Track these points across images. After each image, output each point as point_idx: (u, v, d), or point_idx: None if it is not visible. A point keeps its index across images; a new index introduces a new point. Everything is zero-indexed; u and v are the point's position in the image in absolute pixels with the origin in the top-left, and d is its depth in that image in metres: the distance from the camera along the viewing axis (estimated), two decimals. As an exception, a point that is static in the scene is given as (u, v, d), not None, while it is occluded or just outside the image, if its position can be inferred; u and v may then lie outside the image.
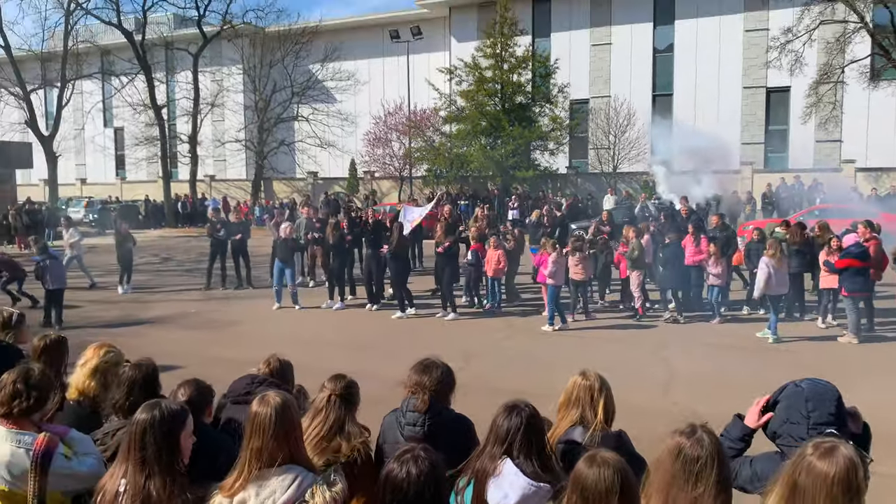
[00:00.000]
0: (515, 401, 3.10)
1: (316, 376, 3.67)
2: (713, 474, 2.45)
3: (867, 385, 8.40)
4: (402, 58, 37.82)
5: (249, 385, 3.95)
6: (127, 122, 46.92)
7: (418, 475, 2.59)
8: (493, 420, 3.07)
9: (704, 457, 2.45)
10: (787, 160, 34.35)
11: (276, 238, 15.22)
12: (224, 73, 45.23)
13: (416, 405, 3.43)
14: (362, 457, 3.29)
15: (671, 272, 13.11)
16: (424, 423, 3.39)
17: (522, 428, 2.98)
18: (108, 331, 12.15)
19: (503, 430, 2.99)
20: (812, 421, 2.74)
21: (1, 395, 3.20)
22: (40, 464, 3.04)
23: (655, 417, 6.23)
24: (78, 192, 47.52)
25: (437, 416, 3.44)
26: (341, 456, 3.20)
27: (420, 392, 3.45)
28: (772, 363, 9.99)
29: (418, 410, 3.42)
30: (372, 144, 39.99)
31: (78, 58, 40.82)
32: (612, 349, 11.17)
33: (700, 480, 2.43)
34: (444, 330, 12.79)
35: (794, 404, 2.81)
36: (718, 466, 2.47)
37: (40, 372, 3.35)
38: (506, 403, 3.09)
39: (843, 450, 2.17)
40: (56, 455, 3.10)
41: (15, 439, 3.13)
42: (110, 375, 3.80)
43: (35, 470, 3.04)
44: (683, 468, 2.46)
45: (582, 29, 37.83)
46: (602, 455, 2.42)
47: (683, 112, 35.70)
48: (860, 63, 28.35)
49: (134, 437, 2.75)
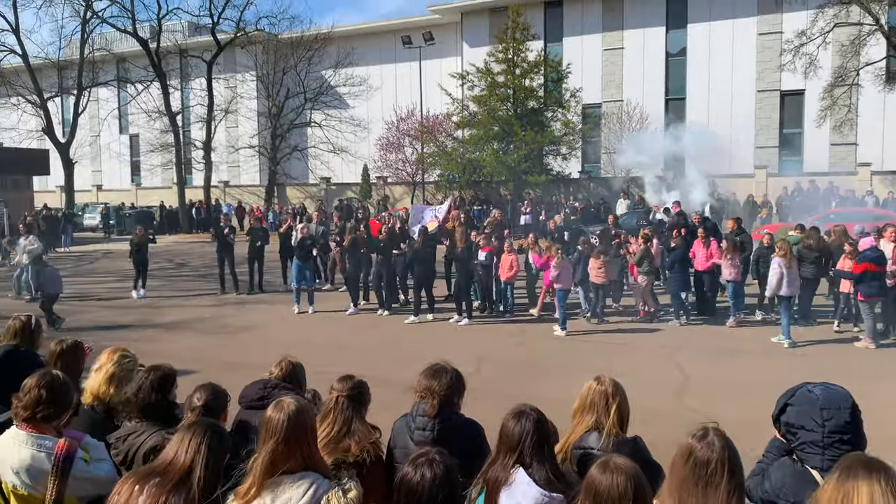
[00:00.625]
0: (521, 405, 3.10)
1: (327, 381, 3.67)
2: (724, 479, 2.43)
3: (882, 390, 8.32)
4: (414, 63, 37.93)
5: (262, 390, 3.96)
6: (142, 128, 47.33)
7: (433, 479, 2.59)
8: (501, 426, 3.06)
9: (714, 460, 2.44)
10: (802, 164, 34.11)
11: (296, 239, 15.57)
12: (238, 80, 45.55)
13: (425, 410, 3.43)
14: (372, 457, 3.29)
15: (676, 276, 13.12)
16: (434, 428, 3.39)
17: (532, 433, 2.97)
18: (122, 335, 12.24)
19: (514, 437, 2.97)
20: (827, 430, 2.69)
21: (25, 401, 3.25)
22: (61, 468, 3.08)
23: (671, 422, 6.19)
24: (94, 198, 47.96)
25: (447, 420, 3.43)
26: (350, 456, 3.20)
27: (430, 397, 3.44)
28: (787, 367, 9.88)
29: (427, 415, 3.42)
30: (384, 150, 40.08)
31: (94, 65, 41.32)
32: (625, 354, 11.11)
33: (710, 485, 2.41)
34: (456, 334, 12.78)
35: (809, 411, 2.76)
36: (730, 471, 2.44)
37: (63, 379, 3.41)
38: (513, 409, 3.09)
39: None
40: (76, 459, 3.13)
41: (36, 443, 3.18)
42: (126, 381, 3.83)
43: (55, 473, 3.07)
44: (693, 471, 2.45)
45: (594, 33, 37.77)
46: (615, 461, 2.41)
47: (697, 116, 35.52)
48: (875, 66, 28.09)
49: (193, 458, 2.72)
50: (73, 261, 26.20)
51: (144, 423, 3.40)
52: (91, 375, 3.97)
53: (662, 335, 12.37)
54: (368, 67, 43.59)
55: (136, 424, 3.43)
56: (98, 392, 3.86)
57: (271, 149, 42.52)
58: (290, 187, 44.33)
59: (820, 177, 30.06)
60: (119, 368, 3.92)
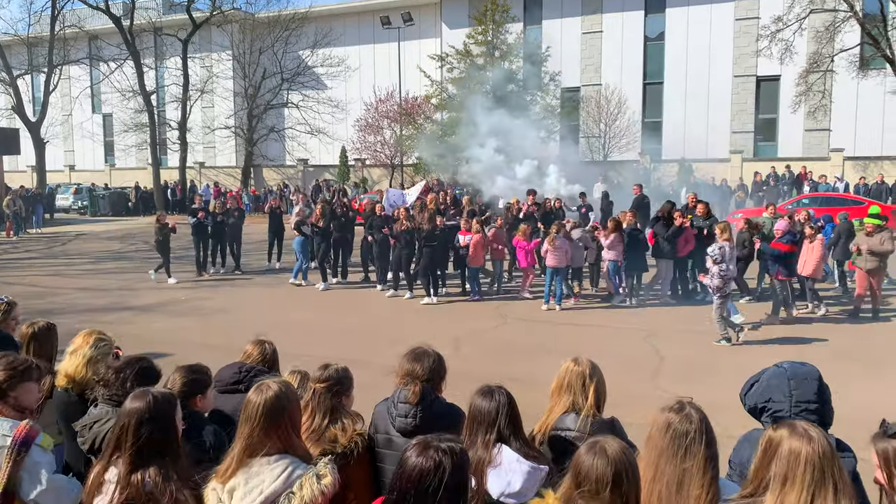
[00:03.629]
0: (489, 384, 3.12)
1: (307, 364, 3.66)
2: (701, 449, 2.52)
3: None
4: (393, 44, 37.61)
5: (237, 374, 3.91)
6: (115, 108, 46.47)
7: (444, 466, 2.29)
8: (471, 406, 3.06)
9: (693, 431, 2.53)
10: (777, 149, 34.50)
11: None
12: (213, 60, 44.85)
13: (407, 397, 3.38)
14: (359, 448, 3.25)
15: (631, 258, 13.50)
16: (416, 416, 3.34)
17: (507, 408, 2.99)
18: (97, 318, 12.09)
19: (490, 414, 2.98)
20: (794, 399, 2.81)
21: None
22: (17, 450, 3.01)
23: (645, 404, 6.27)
24: (66, 178, 47.14)
25: (429, 407, 3.40)
26: (338, 446, 3.18)
27: (412, 383, 3.40)
28: (749, 350, 10.05)
29: (410, 403, 3.37)
30: (363, 131, 39.80)
31: (65, 43, 40.40)
32: (601, 335, 11.23)
33: (688, 454, 2.51)
34: (434, 317, 12.81)
35: (777, 384, 2.87)
36: (707, 441, 2.54)
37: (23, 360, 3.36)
38: (480, 388, 3.10)
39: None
40: (34, 446, 3.07)
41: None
42: (102, 364, 3.79)
43: (10, 455, 3.00)
44: (672, 442, 2.53)
45: (573, 17, 37.72)
46: (602, 443, 2.40)
47: (673, 100, 35.78)
48: (849, 52, 28.44)
49: (128, 427, 2.72)
50: (46, 242, 25.81)
51: (112, 409, 3.33)
52: (66, 358, 3.92)
53: (639, 318, 12.50)
54: (347, 48, 43.16)
55: (101, 411, 3.38)
56: (74, 375, 3.82)
57: (248, 130, 42.05)
58: (266, 169, 43.90)
59: (794, 162, 30.44)
60: (96, 352, 3.87)
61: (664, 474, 2.51)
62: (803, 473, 2.22)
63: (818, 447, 2.25)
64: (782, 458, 2.27)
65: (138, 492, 2.64)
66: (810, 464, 2.23)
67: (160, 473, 2.68)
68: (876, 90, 30.52)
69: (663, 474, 2.51)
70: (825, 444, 2.26)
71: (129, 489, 2.64)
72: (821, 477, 2.21)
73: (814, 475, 2.21)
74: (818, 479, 2.21)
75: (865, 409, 4.58)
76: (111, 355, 3.97)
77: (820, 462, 2.23)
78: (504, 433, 2.97)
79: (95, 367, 3.78)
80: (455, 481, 2.26)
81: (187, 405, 3.27)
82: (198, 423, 3.30)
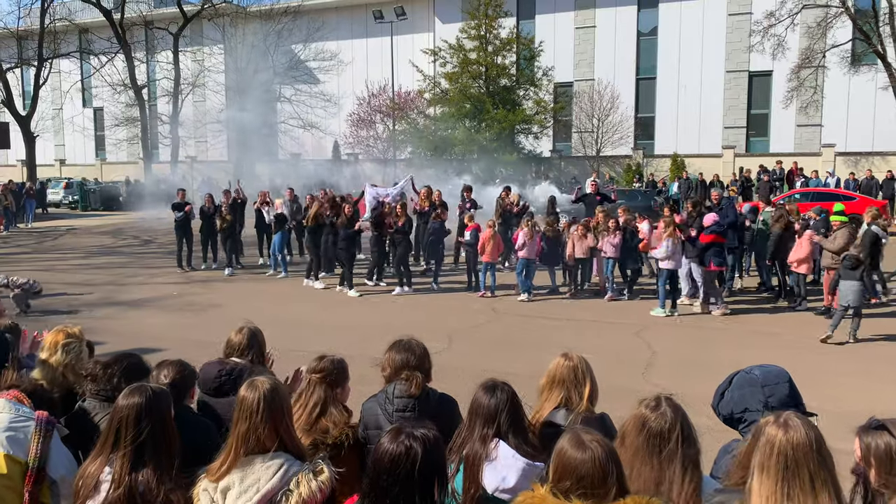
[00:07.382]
0: (493, 380, 3.09)
1: (299, 360, 3.65)
2: (679, 449, 2.40)
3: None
4: (385, 39, 37.48)
5: (217, 379, 3.74)
6: (106, 102, 46.17)
7: (416, 453, 2.31)
8: (474, 400, 3.03)
9: (668, 431, 2.42)
10: (769, 144, 34.61)
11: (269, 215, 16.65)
12: (205, 53, 44.59)
13: (409, 391, 3.34)
14: (350, 441, 3.25)
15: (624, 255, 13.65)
16: (415, 408, 3.31)
17: (508, 404, 2.96)
18: (87, 314, 12.04)
19: (490, 409, 2.95)
20: (770, 405, 2.75)
21: None
22: (45, 428, 3.01)
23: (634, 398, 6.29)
24: (57, 172, 46.81)
25: (427, 398, 3.39)
26: (329, 438, 3.17)
27: (412, 376, 3.38)
28: (741, 343, 10.10)
29: (412, 395, 3.33)
30: (356, 126, 39.68)
31: (55, 36, 40.07)
32: (593, 330, 11.26)
33: (666, 456, 2.39)
34: (426, 310, 12.81)
35: (751, 392, 2.83)
36: (685, 441, 2.42)
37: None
38: (484, 383, 3.07)
39: (797, 419, 2.20)
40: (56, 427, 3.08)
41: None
42: (80, 363, 3.71)
43: (39, 432, 2.99)
44: (647, 442, 2.43)
45: (566, 11, 37.68)
46: (586, 435, 2.34)
47: (666, 95, 35.84)
48: (841, 48, 28.51)
49: (126, 422, 2.71)
50: (37, 237, 25.67)
51: (99, 404, 3.31)
52: (38, 367, 3.78)
53: (631, 312, 12.55)
54: (339, 42, 42.98)
55: (89, 405, 3.36)
56: (54, 383, 3.69)
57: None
58: (258, 164, 43.70)
59: (786, 157, 30.55)
60: (69, 357, 3.76)
61: (640, 475, 2.40)
62: (776, 463, 2.12)
63: (794, 437, 2.13)
64: (760, 446, 2.18)
65: (132, 491, 2.63)
66: (782, 454, 2.12)
67: (156, 473, 2.67)
68: (867, 86, 30.60)
69: (639, 475, 2.40)
70: (803, 434, 2.14)
71: (123, 489, 2.64)
72: (794, 467, 2.10)
73: (787, 464, 2.11)
74: (791, 469, 2.10)
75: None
76: (85, 351, 3.90)
77: (794, 452, 2.11)
78: (503, 429, 2.95)
79: (75, 369, 3.70)
80: (428, 467, 2.27)
81: (181, 401, 3.26)
82: (189, 420, 3.29)
